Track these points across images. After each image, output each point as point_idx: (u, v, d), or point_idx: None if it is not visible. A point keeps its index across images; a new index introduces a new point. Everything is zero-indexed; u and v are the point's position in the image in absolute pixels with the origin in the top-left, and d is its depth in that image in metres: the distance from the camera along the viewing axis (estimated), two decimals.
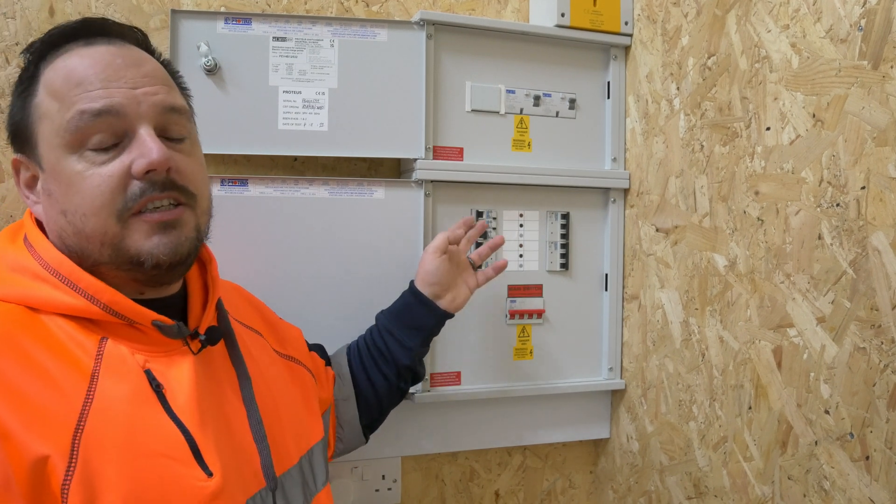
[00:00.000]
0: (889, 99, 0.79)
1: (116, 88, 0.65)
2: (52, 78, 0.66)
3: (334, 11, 1.18)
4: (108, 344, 0.64)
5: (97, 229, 0.65)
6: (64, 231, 0.66)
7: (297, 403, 0.82)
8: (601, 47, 1.25)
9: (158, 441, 0.62)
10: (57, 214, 0.66)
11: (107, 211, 0.64)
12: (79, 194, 0.64)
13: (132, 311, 0.65)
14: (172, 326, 0.67)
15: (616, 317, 1.26)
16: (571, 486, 1.36)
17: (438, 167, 1.14)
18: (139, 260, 0.65)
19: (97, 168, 0.64)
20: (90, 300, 0.64)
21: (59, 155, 0.65)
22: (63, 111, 0.65)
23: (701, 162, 1.07)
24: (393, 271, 1.12)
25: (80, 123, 0.64)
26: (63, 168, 0.65)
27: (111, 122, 0.64)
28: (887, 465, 0.79)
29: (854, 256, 0.83)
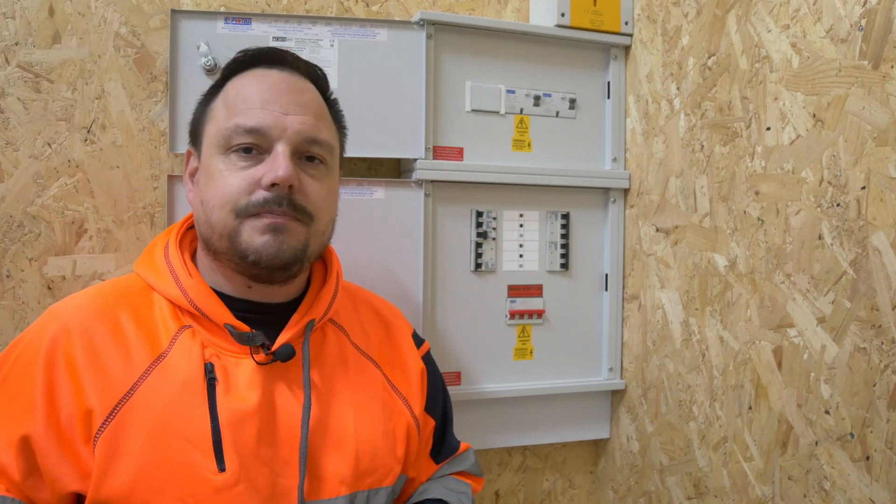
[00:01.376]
0: (889, 99, 0.79)
1: (270, 112, 0.76)
2: (229, 90, 0.79)
3: (334, 11, 1.18)
4: (186, 332, 0.74)
5: (219, 221, 0.74)
6: (199, 218, 0.78)
7: (380, 439, 0.81)
8: (601, 47, 1.25)
9: (187, 426, 0.69)
10: (198, 203, 0.78)
11: (230, 206, 0.74)
12: (215, 188, 0.75)
13: (211, 309, 0.74)
14: (244, 334, 0.74)
15: (616, 317, 1.26)
16: (571, 487, 1.36)
17: (438, 167, 1.14)
18: (245, 253, 0.74)
19: (236, 171, 0.74)
20: (183, 293, 0.75)
21: (212, 153, 0.76)
22: (227, 118, 0.76)
23: (701, 162, 1.07)
24: (393, 271, 1.12)
25: (234, 133, 0.75)
26: (211, 164, 0.76)
27: (257, 138, 0.75)
28: (887, 465, 0.79)
29: (854, 256, 0.83)
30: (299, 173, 0.76)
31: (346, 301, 0.90)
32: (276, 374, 0.76)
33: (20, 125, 1.02)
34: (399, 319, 0.95)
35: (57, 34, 1.03)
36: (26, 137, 1.02)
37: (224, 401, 0.71)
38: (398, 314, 0.96)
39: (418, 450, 0.89)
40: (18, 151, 1.02)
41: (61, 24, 1.04)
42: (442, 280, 1.15)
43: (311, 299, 0.83)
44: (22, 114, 1.02)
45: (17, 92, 1.02)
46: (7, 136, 1.01)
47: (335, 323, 0.86)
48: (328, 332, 0.84)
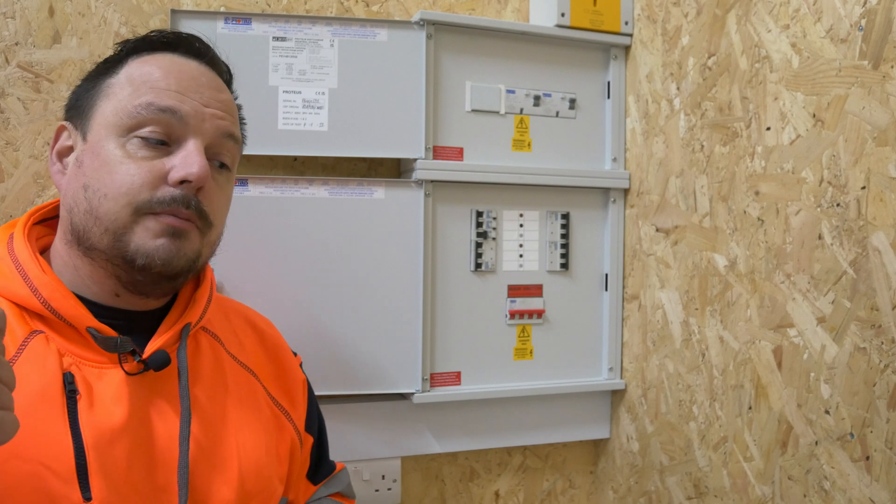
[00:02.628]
0: (889, 99, 0.79)
1: (189, 98, 0.68)
2: (136, 68, 0.69)
3: (334, 11, 1.18)
4: (36, 338, 0.62)
5: (109, 213, 0.65)
6: (77, 206, 0.67)
7: (264, 457, 0.74)
8: (601, 47, 1.25)
9: (43, 447, 0.58)
10: (78, 187, 0.67)
11: (127, 199, 0.65)
12: (108, 175, 0.65)
13: (69, 311, 0.63)
14: (110, 339, 0.64)
15: (616, 317, 1.26)
16: (571, 487, 1.36)
17: (438, 167, 1.14)
18: (132, 256, 0.65)
19: (136, 160, 0.66)
20: (33, 291, 0.63)
21: (107, 132, 0.67)
22: (132, 97, 0.67)
23: (701, 162, 1.07)
24: (393, 271, 1.12)
25: (144, 112, 0.66)
26: (104, 146, 0.66)
27: (170, 123, 0.67)
28: (887, 465, 0.79)
29: (854, 256, 0.83)
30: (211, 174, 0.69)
31: (217, 310, 0.80)
32: (148, 385, 0.66)
33: (20, 125, 1.02)
34: (273, 329, 0.87)
35: (57, 34, 1.03)
36: (26, 137, 1.02)
37: (88, 417, 0.60)
38: (271, 324, 0.88)
39: (298, 470, 0.82)
40: (18, 151, 1.02)
41: (61, 24, 1.04)
42: (442, 280, 1.15)
43: (184, 303, 0.74)
44: (22, 114, 1.02)
45: (17, 92, 1.02)
46: (7, 136, 1.01)
47: (208, 331, 0.76)
48: (201, 341, 0.74)
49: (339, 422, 1.12)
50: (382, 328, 1.12)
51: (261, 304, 1.06)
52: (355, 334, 1.10)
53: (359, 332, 1.11)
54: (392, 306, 1.12)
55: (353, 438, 1.14)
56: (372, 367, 1.11)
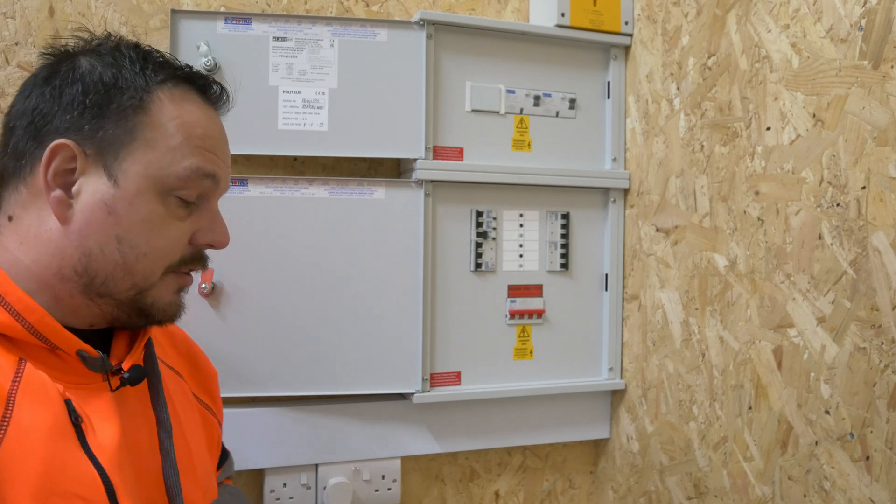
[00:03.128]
0: (889, 99, 0.79)
1: (223, 163, 0.70)
2: (175, 114, 0.66)
3: (334, 11, 1.18)
4: (27, 366, 0.59)
5: (144, 271, 0.65)
6: (104, 255, 0.63)
7: (206, 455, 0.78)
8: (601, 47, 1.25)
9: (74, 480, 0.57)
10: (108, 237, 0.63)
11: (164, 261, 0.66)
12: (150, 234, 0.64)
13: (58, 336, 0.61)
14: (97, 359, 0.63)
15: (616, 317, 1.26)
16: (571, 487, 1.36)
17: (438, 167, 1.14)
18: (149, 311, 0.67)
19: (176, 221, 0.66)
20: (15, 317, 0.60)
21: (148, 187, 0.64)
22: (178, 155, 0.65)
23: (701, 162, 1.07)
24: (393, 271, 1.12)
25: (193, 176, 0.66)
26: (146, 201, 0.64)
27: (208, 187, 0.68)
28: (887, 465, 0.79)
29: (854, 256, 0.83)
30: None
31: None
32: (124, 401, 0.66)
33: None
34: (178, 328, 0.86)
35: (57, 34, 1.03)
36: None
37: (96, 440, 0.60)
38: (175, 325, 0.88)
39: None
40: None
41: (61, 25, 1.04)
42: (442, 280, 1.15)
43: None
44: None
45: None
46: None
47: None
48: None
49: (339, 422, 1.12)
50: (382, 328, 1.12)
51: (261, 304, 1.07)
52: (355, 334, 1.10)
53: (359, 331, 1.11)
54: (392, 306, 1.12)
55: (353, 438, 1.14)
56: (372, 367, 1.11)
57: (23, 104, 0.65)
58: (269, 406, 1.11)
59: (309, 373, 1.09)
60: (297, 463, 1.11)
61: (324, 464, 1.13)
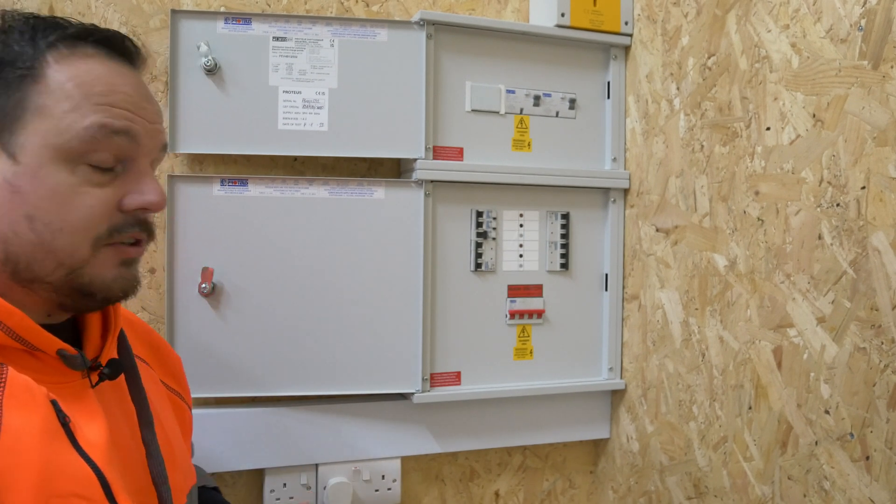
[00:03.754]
0: (889, 99, 0.79)
1: (139, 117, 0.63)
2: (66, 72, 0.60)
3: (334, 11, 1.18)
4: (10, 370, 0.57)
5: (66, 248, 0.60)
6: (17, 236, 0.60)
7: (181, 440, 0.78)
8: (601, 47, 1.25)
9: (71, 480, 0.57)
10: (18, 217, 0.60)
11: (86, 234, 0.61)
12: (62, 206, 0.60)
13: (38, 337, 0.60)
14: (76, 357, 0.61)
15: (616, 317, 1.26)
16: (571, 487, 1.36)
17: (438, 167, 1.14)
18: (90, 289, 0.62)
19: (91, 188, 0.60)
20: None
21: (50, 157, 0.59)
22: (76, 116, 0.60)
23: (701, 162, 1.07)
24: (393, 271, 1.12)
25: (98, 135, 0.60)
26: (50, 173, 0.59)
27: (123, 146, 0.61)
28: (887, 465, 0.79)
29: (854, 256, 0.83)
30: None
31: None
32: (106, 395, 0.66)
33: None
34: (134, 316, 0.84)
35: None
36: None
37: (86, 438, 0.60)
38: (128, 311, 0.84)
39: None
40: None
41: None
42: (442, 280, 1.15)
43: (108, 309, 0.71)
44: None
45: None
46: None
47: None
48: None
49: (339, 422, 1.12)
50: (382, 328, 1.12)
51: (261, 304, 1.07)
52: (355, 334, 1.10)
53: (359, 331, 1.11)
54: (392, 306, 1.12)
55: (353, 438, 1.14)
56: (372, 367, 1.11)
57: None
58: (269, 406, 1.11)
59: (309, 373, 1.09)
60: (297, 463, 1.11)
61: (324, 464, 1.13)
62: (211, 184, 1.05)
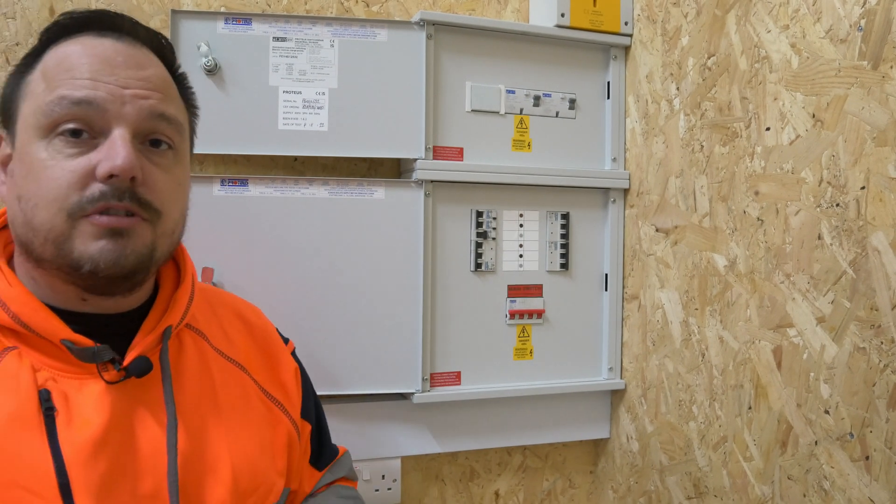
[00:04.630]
0: (889, 99, 0.79)
1: (104, 83, 0.62)
2: (49, 59, 0.64)
3: (334, 11, 1.18)
4: (9, 355, 0.59)
5: (44, 223, 0.61)
6: (16, 218, 0.63)
7: (258, 451, 0.73)
8: (601, 47, 1.25)
9: (23, 470, 0.56)
10: (13, 199, 0.63)
11: (58, 206, 0.60)
12: (35, 182, 0.61)
13: (42, 325, 0.61)
14: (86, 350, 0.61)
15: (616, 317, 1.26)
16: (571, 486, 1.36)
17: (438, 167, 1.14)
18: (77, 263, 0.61)
19: (62, 160, 0.61)
20: (2, 306, 0.60)
21: (30, 137, 0.62)
22: (46, 92, 0.62)
23: (701, 162, 1.07)
24: (393, 271, 1.12)
25: (58, 108, 0.61)
26: (29, 152, 0.62)
27: (88, 115, 0.61)
28: (887, 465, 0.79)
29: (854, 256, 0.83)
30: (143, 162, 0.63)
31: (203, 303, 0.78)
32: (130, 394, 0.64)
33: None
34: (261, 318, 0.85)
35: None
36: None
37: (67, 434, 0.58)
38: (259, 312, 0.86)
39: (299, 458, 0.81)
40: None
41: None
42: (442, 280, 1.15)
43: (165, 303, 0.71)
44: None
45: None
46: None
47: (192, 328, 0.74)
48: (185, 340, 0.72)
49: (340, 422, 1.12)
50: (382, 328, 1.12)
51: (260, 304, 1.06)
52: (355, 334, 1.10)
53: (359, 331, 1.11)
54: (392, 306, 1.12)
55: (353, 438, 1.14)
56: (372, 367, 1.11)
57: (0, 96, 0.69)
58: None
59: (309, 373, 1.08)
60: None
61: None
62: (211, 184, 1.05)
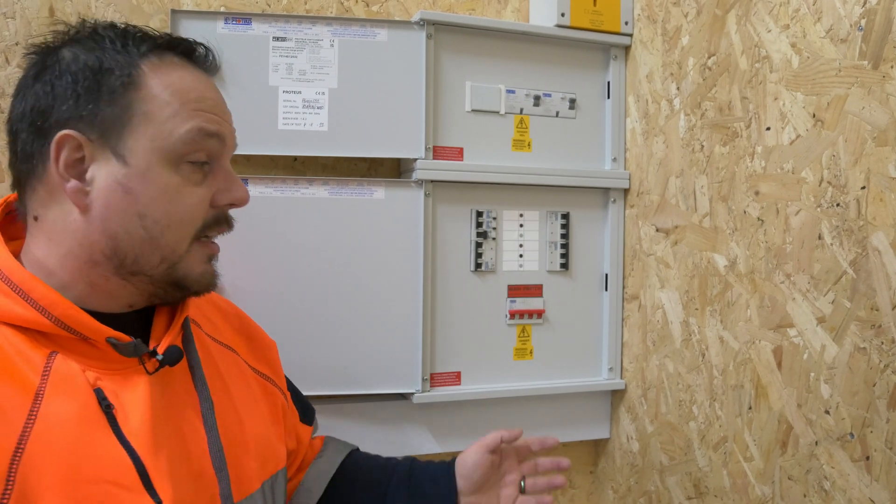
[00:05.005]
0: (889, 99, 0.79)
1: (225, 121, 0.70)
2: (165, 83, 0.66)
3: (334, 11, 1.18)
4: (56, 359, 0.61)
5: (171, 243, 0.66)
6: (130, 234, 0.64)
7: (266, 424, 0.79)
8: (601, 47, 1.25)
9: (104, 466, 0.59)
10: (130, 216, 0.64)
11: (189, 229, 0.67)
12: (170, 205, 0.65)
13: (86, 326, 0.62)
14: (128, 344, 0.64)
15: (616, 317, 1.26)
16: (571, 486, 1.36)
17: (438, 167, 1.14)
18: (185, 283, 0.67)
19: (192, 187, 0.66)
20: (41, 312, 0.61)
21: (157, 159, 0.65)
22: (177, 120, 0.65)
23: (701, 162, 1.07)
24: (393, 271, 1.12)
25: (197, 138, 0.66)
26: (159, 174, 0.65)
27: (214, 148, 0.68)
28: (887, 465, 0.79)
29: (854, 256, 0.83)
30: None
31: None
32: (164, 382, 0.67)
33: None
34: (230, 303, 0.89)
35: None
36: None
37: (128, 427, 0.62)
38: (226, 300, 0.90)
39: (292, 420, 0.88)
40: None
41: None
42: (442, 280, 1.15)
43: None
44: None
45: None
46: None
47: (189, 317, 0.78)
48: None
49: (340, 422, 1.12)
50: (382, 328, 1.12)
51: (261, 304, 1.06)
52: (355, 334, 1.10)
53: (359, 332, 1.11)
54: (392, 306, 1.12)
55: (354, 438, 1.13)
56: (372, 367, 1.11)
57: (20, 106, 0.67)
58: None
59: (309, 373, 1.09)
60: None
61: None
62: None
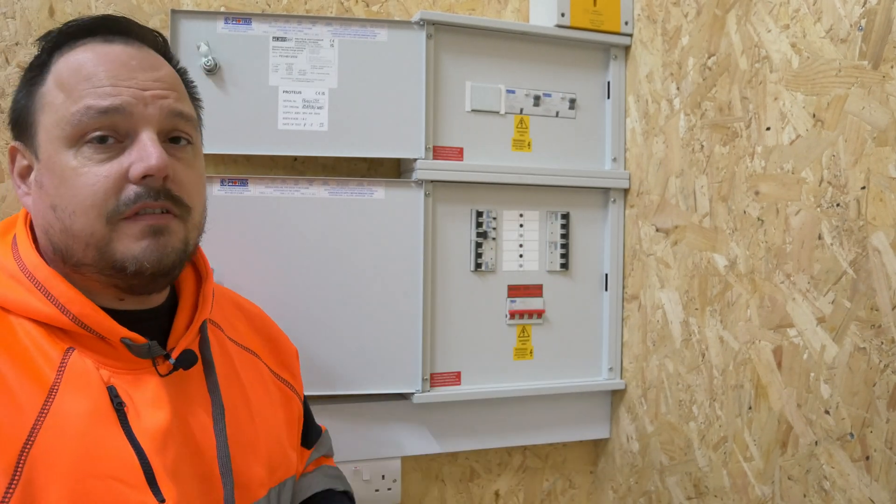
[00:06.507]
0: (889, 99, 0.79)
1: (126, 88, 0.64)
2: (62, 69, 0.65)
3: (334, 11, 1.18)
4: (72, 355, 0.62)
5: (84, 229, 0.63)
6: (51, 227, 0.65)
7: (281, 430, 0.79)
8: (601, 47, 1.25)
9: (110, 462, 0.60)
10: (46, 209, 0.65)
11: (96, 211, 0.63)
12: (70, 190, 0.63)
13: (102, 325, 0.63)
14: (143, 346, 0.64)
15: (616, 317, 1.26)
16: (571, 487, 1.36)
17: (438, 167, 1.14)
18: (122, 265, 0.64)
19: (93, 166, 0.63)
20: (61, 309, 0.62)
21: (56, 147, 0.64)
22: (69, 103, 0.64)
23: (701, 162, 1.07)
24: (393, 271, 1.12)
25: (85, 118, 0.63)
26: (58, 161, 0.64)
27: (116, 121, 0.63)
28: (887, 465, 0.79)
29: (854, 256, 0.83)
30: (170, 160, 0.66)
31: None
32: (177, 384, 0.68)
33: None
34: (256, 307, 0.89)
35: None
36: None
37: (138, 426, 0.62)
38: (252, 303, 0.90)
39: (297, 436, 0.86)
40: None
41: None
42: (442, 280, 1.15)
43: (191, 297, 0.75)
44: None
45: None
46: (7, 136, 1.01)
47: (210, 320, 0.78)
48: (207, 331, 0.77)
49: (340, 422, 1.12)
50: (382, 328, 1.12)
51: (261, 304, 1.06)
52: (355, 334, 1.10)
53: (359, 332, 1.11)
54: (392, 306, 1.12)
55: (353, 438, 1.14)
56: (372, 367, 1.11)
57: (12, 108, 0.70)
58: None
59: (309, 373, 1.09)
60: None
61: None
62: (211, 184, 1.05)
